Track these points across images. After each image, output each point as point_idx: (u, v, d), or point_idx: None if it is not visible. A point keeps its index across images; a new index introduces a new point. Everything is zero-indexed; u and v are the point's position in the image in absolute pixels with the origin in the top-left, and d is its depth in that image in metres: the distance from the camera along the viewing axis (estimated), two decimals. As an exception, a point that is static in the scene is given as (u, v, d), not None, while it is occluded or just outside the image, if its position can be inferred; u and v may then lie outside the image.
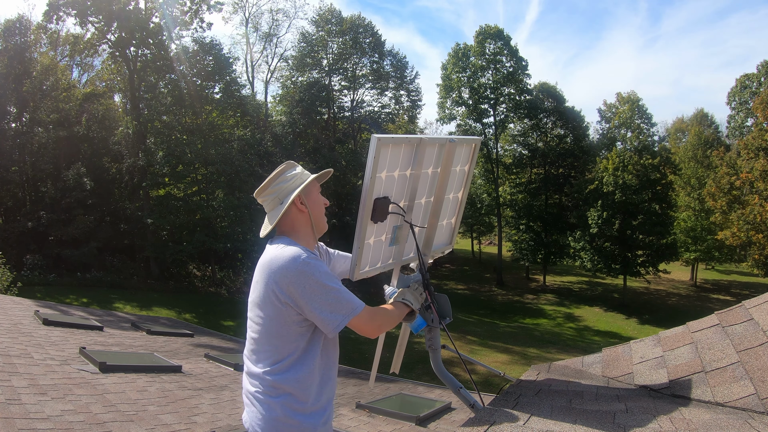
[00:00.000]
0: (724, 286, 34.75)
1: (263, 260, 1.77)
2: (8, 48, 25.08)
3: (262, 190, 1.88)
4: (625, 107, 31.32)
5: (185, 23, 27.29)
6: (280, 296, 1.66)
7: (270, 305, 1.69)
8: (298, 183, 1.86)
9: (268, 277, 1.69)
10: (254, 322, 1.75)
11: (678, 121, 51.54)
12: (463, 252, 42.65)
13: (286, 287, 1.65)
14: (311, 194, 1.90)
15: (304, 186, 1.85)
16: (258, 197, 1.90)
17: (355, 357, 13.25)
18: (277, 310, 1.68)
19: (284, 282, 1.66)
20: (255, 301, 1.76)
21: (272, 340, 1.70)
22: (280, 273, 1.66)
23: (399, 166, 2.15)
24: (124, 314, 12.08)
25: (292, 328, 1.69)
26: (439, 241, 2.67)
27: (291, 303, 1.66)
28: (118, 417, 3.32)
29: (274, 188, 1.86)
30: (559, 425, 1.79)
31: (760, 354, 2.05)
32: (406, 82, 35.42)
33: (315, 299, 1.65)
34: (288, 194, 1.84)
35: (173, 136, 26.06)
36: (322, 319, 1.67)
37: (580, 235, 30.50)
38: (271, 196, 1.86)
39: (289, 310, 1.67)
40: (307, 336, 1.72)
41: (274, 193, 1.86)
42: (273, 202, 1.86)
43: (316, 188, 1.94)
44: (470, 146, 2.60)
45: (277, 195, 1.86)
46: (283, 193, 1.85)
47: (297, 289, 1.65)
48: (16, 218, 25.25)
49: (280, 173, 1.88)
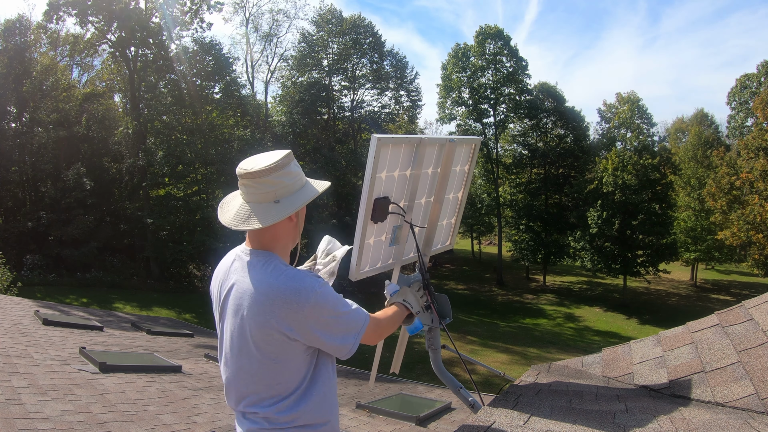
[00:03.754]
0: (724, 286, 34.75)
1: (248, 284, 1.45)
2: (8, 48, 25.09)
3: (259, 175, 1.48)
4: (624, 107, 31.33)
5: (185, 23, 27.32)
6: (287, 333, 1.41)
7: (273, 342, 1.43)
8: (299, 186, 1.55)
9: (266, 310, 1.40)
10: (246, 356, 1.46)
11: (678, 121, 51.57)
12: (463, 252, 42.64)
13: (297, 324, 1.41)
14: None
15: (312, 198, 1.56)
16: (247, 179, 1.50)
17: (355, 357, 13.21)
18: (283, 346, 1.44)
19: (293, 318, 1.41)
20: (244, 335, 1.45)
21: (278, 377, 1.46)
22: (287, 308, 1.40)
23: (399, 166, 2.15)
24: (124, 314, 12.08)
25: (300, 358, 1.47)
26: (438, 241, 2.67)
27: (300, 338, 1.44)
28: (118, 417, 3.32)
29: (275, 179, 1.50)
30: (559, 425, 1.79)
31: (760, 354, 2.05)
32: (406, 82, 35.42)
33: (329, 329, 1.46)
34: (287, 195, 1.51)
35: (173, 136, 26.08)
36: (336, 347, 1.49)
37: (580, 235, 30.51)
38: (266, 188, 1.49)
39: (297, 344, 1.45)
40: (315, 360, 1.53)
41: (273, 186, 1.50)
42: (265, 196, 1.49)
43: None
44: (470, 146, 2.60)
45: (275, 190, 1.50)
46: (282, 191, 1.51)
47: (309, 322, 1.42)
48: (16, 218, 25.26)
49: (284, 163, 1.52)
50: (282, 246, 1.56)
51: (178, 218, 25.50)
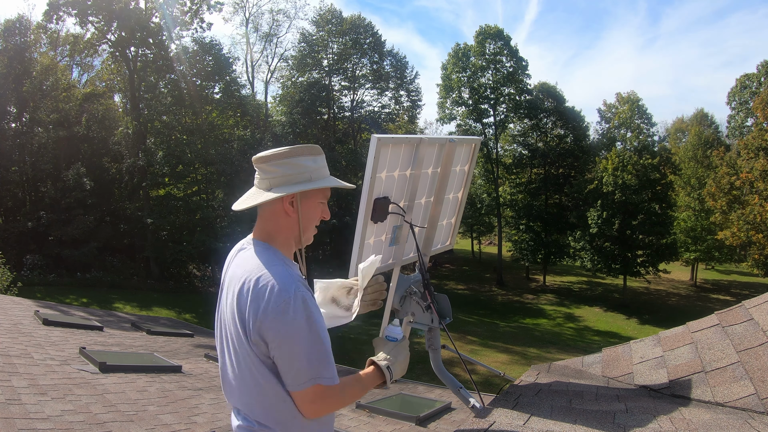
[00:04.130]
0: (724, 286, 34.75)
1: (237, 273, 1.41)
2: (8, 48, 25.10)
3: (260, 161, 1.47)
4: (624, 107, 31.35)
5: (185, 23, 27.33)
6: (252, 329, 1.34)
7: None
8: (302, 180, 1.47)
9: (241, 301, 1.36)
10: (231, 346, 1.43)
11: (678, 121, 51.56)
12: (463, 252, 42.63)
13: (260, 327, 1.32)
14: (311, 199, 1.51)
15: (309, 189, 1.47)
16: (254, 164, 1.50)
17: (355, 357, 13.26)
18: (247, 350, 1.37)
19: (257, 319, 1.32)
20: (228, 322, 1.43)
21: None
22: (254, 305, 1.33)
23: (399, 166, 2.15)
24: (124, 314, 12.09)
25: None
26: (438, 241, 2.67)
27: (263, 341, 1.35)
28: (118, 417, 3.32)
29: (273, 167, 1.45)
30: (559, 425, 1.79)
31: (760, 354, 2.05)
32: (406, 82, 35.44)
33: (281, 355, 1.34)
34: (283, 185, 1.45)
35: (173, 136, 26.10)
36: (286, 380, 1.37)
37: (580, 235, 30.53)
38: (263, 174, 1.47)
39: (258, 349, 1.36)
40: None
41: (268, 174, 1.46)
42: (261, 182, 1.48)
43: (322, 195, 1.55)
44: (470, 146, 2.60)
45: (269, 178, 1.46)
46: (277, 181, 1.45)
47: (272, 330, 1.32)
48: (16, 218, 25.27)
49: (288, 154, 1.46)
50: (283, 240, 1.48)
51: (178, 218, 25.51)
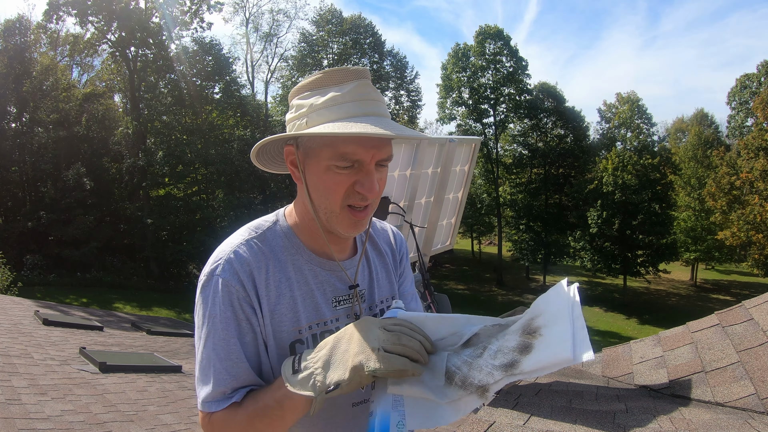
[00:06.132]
0: (724, 286, 34.75)
1: None
2: (8, 48, 25.11)
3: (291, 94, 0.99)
4: (624, 107, 31.36)
5: (185, 23, 27.33)
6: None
7: None
8: (299, 127, 0.93)
9: None
10: None
11: (678, 121, 51.51)
12: (463, 252, 42.63)
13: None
14: (313, 158, 0.94)
15: (313, 131, 0.89)
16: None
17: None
18: None
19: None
20: None
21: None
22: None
23: (399, 166, 2.15)
24: (124, 314, 12.08)
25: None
26: (438, 241, 2.67)
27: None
28: (118, 417, 3.32)
29: (295, 100, 0.97)
30: (559, 425, 1.79)
31: (760, 354, 2.04)
32: (406, 82, 35.46)
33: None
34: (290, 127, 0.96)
35: (173, 136, 26.11)
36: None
37: (580, 234, 30.53)
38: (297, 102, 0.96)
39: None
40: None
41: (294, 110, 0.96)
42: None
43: (333, 153, 0.90)
44: (470, 146, 2.60)
45: (293, 114, 0.96)
46: (289, 125, 0.97)
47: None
48: (16, 218, 25.27)
49: (297, 90, 0.97)
50: (301, 220, 1.03)
51: (178, 218, 25.51)
